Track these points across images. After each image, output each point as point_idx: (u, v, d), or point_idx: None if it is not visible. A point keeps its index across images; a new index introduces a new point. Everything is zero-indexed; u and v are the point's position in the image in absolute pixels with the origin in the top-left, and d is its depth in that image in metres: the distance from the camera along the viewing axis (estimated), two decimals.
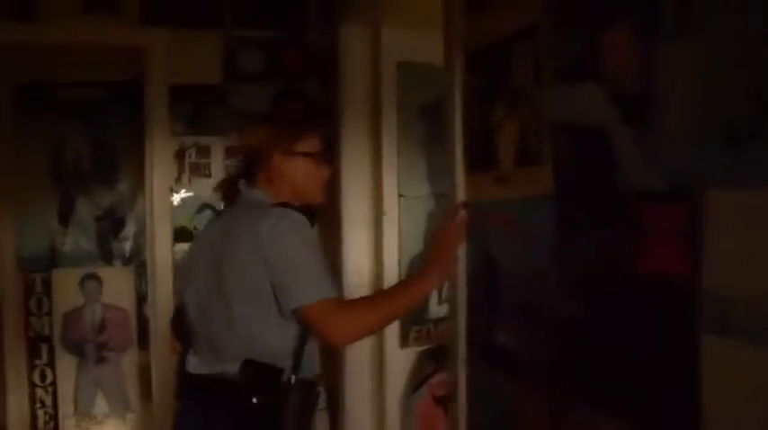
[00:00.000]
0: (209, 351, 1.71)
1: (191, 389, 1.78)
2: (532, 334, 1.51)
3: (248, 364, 1.61)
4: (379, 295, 2.17)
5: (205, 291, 1.73)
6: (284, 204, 1.73)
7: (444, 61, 1.88)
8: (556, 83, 1.41)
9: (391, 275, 2.82)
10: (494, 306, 1.68)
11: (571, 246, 1.36)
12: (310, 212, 1.76)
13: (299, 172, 1.80)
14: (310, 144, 1.83)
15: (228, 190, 1.87)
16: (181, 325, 1.84)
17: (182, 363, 1.81)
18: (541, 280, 1.45)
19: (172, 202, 3.13)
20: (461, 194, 1.80)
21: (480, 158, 1.75)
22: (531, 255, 1.51)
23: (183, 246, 3.05)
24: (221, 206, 2.92)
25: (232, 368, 1.62)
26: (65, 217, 4.09)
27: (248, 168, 1.83)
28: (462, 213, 1.76)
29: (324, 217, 2.79)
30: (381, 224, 2.83)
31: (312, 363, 1.73)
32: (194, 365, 1.74)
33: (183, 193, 3.15)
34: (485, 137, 1.70)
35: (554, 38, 1.41)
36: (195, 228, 3.07)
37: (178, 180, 3.11)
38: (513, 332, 1.60)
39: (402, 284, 1.98)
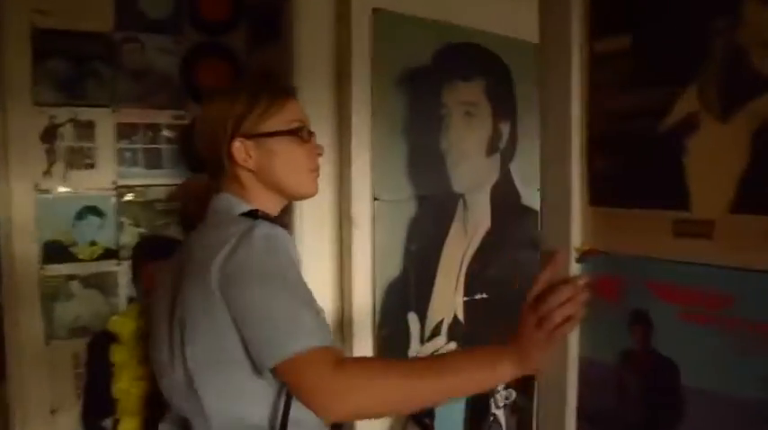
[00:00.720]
0: (176, 423, 1.33)
1: None
2: None
3: None
4: (412, 362, 1.50)
5: (164, 347, 1.29)
6: (253, 213, 1.28)
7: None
8: None
9: (363, 309, 2.07)
10: None
11: None
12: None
13: (274, 160, 1.33)
14: (286, 115, 1.35)
15: (195, 196, 1.54)
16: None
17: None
18: None
19: (38, 205, 2.19)
20: (577, 238, 1.08)
21: (625, 182, 1.03)
22: None
23: (59, 268, 2.14)
24: (112, 208, 2.09)
25: None
26: None
27: (210, 163, 1.37)
28: (580, 277, 1.07)
29: None
30: (350, 239, 2.05)
31: None
32: None
33: (57, 192, 2.23)
34: (640, 146, 0.97)
35: None
36: (74, 243, 2.16)
37: (47, 172, 2.17)
38: None
39: (458, 357, 1.28)
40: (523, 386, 2.54)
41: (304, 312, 1.15)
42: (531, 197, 2.56)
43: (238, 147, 1.31)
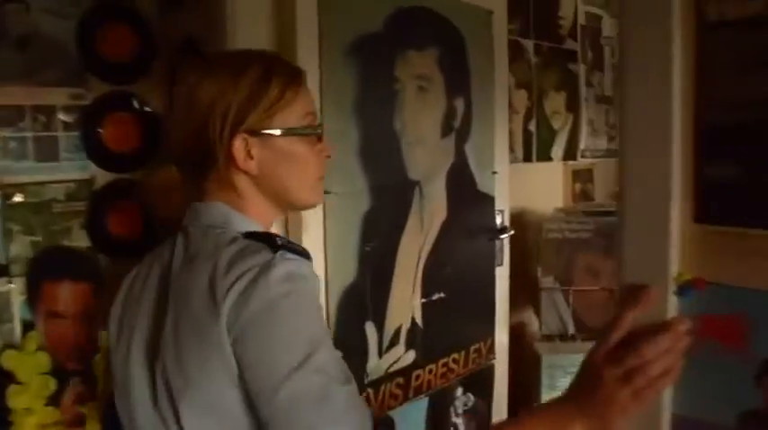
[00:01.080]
0: None
1: None
2: None
3: None
4: None
5: (148, 407, 1.05)
6: (263, 237, 1.01)
7: None
8: None
9: None
10: None
11: None
12: None
13: (281, 164, 1.09)
14: (299, 107, 1.10)
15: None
16: None
17: None
18: None
19: None
20: (674, 265, 0.83)
21: (749, 193, 0.78)
22: None
23: None
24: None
25: None
26: None
27: (189, 159, 1.10)
28: (682, 319, 0.83)
29: None
30: (299, 241, 1.73)
31: None
32: None
33: None
34: None
35: None
36: None
37: None
38: None
39: (521, 425, 0.98)
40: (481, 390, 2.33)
41: (334, 388, 0.91)
42: (486, 182, 2.32)
43: (239, 146, 1.05)
